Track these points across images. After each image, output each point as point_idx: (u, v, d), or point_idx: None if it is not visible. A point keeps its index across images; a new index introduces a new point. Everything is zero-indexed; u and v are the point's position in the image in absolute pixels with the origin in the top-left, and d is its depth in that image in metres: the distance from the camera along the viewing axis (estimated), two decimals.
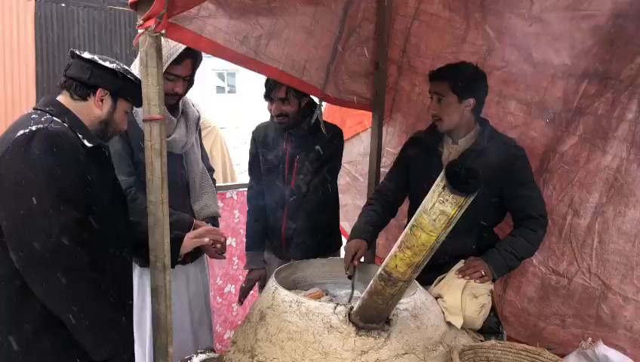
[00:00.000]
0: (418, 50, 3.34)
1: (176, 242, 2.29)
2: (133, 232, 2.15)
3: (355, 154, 3.99)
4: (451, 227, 1.55)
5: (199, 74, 2.77)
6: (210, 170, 3.04)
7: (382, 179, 3.36)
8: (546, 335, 2.89)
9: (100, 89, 1.96)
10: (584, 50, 2.68)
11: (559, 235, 2.84)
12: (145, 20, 1.78)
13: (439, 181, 1.48)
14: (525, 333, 2.97)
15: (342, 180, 3.93)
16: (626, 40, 2.54)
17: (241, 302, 3.11)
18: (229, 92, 27.94)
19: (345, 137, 3.99)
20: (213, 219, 2.89)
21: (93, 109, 1.98)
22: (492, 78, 3.00)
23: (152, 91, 1.87)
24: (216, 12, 1.98)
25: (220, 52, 2.15)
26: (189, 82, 2.64)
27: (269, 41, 2.31)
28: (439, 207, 1.49)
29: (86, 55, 1.96)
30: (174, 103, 2.66)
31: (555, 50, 2.76)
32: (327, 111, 4.10)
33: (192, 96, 2.88)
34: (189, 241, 2.36)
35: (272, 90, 2.86)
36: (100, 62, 1.96)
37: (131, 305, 2.08)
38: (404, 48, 3.38)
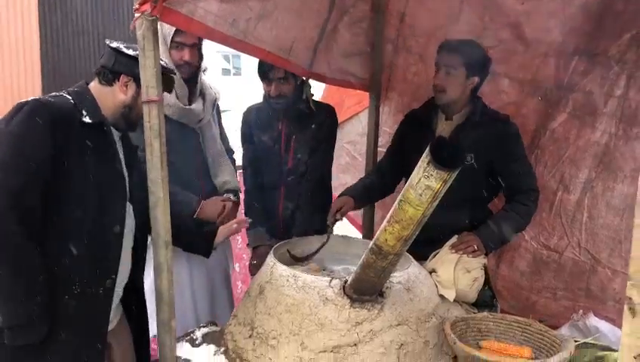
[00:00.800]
0: (412, 29, 3.37)
1: (210, 234, 2.52)
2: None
3: (354, 134, 4.04)
4: (437, 201, 1.61)
5: (204, 56, 2.85)
6: (230, 151, 3.15)
7: (379, 158, 3.43)
8: (539, 308, 2.97)
9: (122, 75, 2.06)
10: (574, 27, 2.72)
11: (550, 211, 2.90)
12: (141, 5, 1.84)
13: (424, 157, 1.54)
14: (518, 306, 3.04)
15: (342, 160, 4.00)
16: (614, 17, 2.58)
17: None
18: (234, 74, 27.81)
19: (344, 117, 4.06)
20: (234, 193, 3.00)
21: (117, 94, 2.07)
22: None
23: (149, 73, 1.92)
24: None
25: (210, 34, 2.19)
26: (197, 51, 2.73)
27: (258, 23, 2.35)
28: (424, 182, 1.55)
29: (113, 44, 2.06)
30: (186, 73, 2.73)
31: (547, 28, 2.80)
32: (326, 92, 4.15)
33: None
34: (222, 232, 2.55)
35: (269, 71, 2.88)
36: (124, 50, 2.04)
37: (113, 281, 2.08)
38: (399, 28, 3.41)
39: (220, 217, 2.75)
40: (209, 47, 3.01)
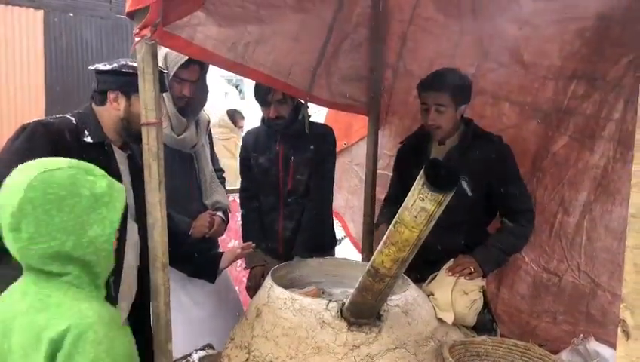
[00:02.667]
0: (414, 54, 3.41)
1: (215, 259, 2.59)
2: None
3: (363, 156, 4.05)
4: (433, 223, 1.61)
5: (208, 79, 2.91)
6: (220, 171, 3.19)
7: (378, 180, 3.45)
8: (538, 333, 2.94)
9: (109, 92, 2.10)
10: (572, 51, 2.75)
11: (550, 233, 2.90)
12: (141, 29, 1.86)
13: (419, 179, 1.55)
14: (518, 331, 3.01)
15: (351, 182, 4.02)
16: (612, 41, 2.60)
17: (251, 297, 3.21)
18: (239, 98, 27.95)
19: (352, 140, 4.09)
20: (224, 212, 3.04)
21: (112, 111, 2.12)
22: (486, 80, 3.09)
23: (148, 96, 1.95)
24: (206, 20, 2.07)
25: (209, 57, 2.24)
26: (198, 86, 2.77)
27: (256, 48, 2.39)
28: (419, 204, 1.56)
29: (92, 66, 2.10)
30: (183, 106, 2.78)
31: (545, 53, 2.83)
32: (332, 115, 4.18)
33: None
34: (227, 257, 2.61)
35: (267, 94, 2.91)
36: (101, 67, 2.09)
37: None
38: (400, 52, 3.45)
39: (210, 231, 2.82)
40: (212, 72, 3.06)
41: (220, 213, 2.97)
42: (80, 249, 1.30)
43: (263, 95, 2.94)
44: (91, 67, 2.14)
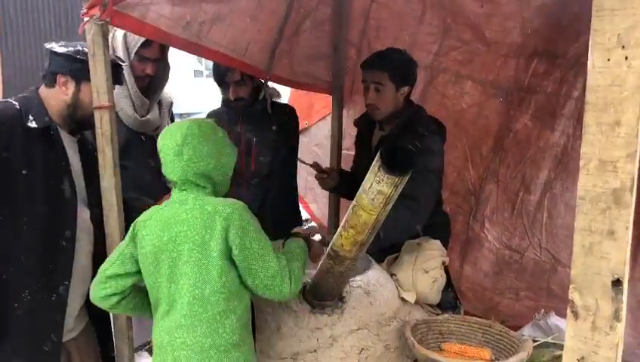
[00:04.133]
0: (377, 32, 3.37)
1: None
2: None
3: (322, 137, 4.02)
4: (390, 205, 1.61)
5: (176, 57, 2.83)
6: None
7: (343, 160, 3.44)
8: (502, 309, 2.98)
9: (59, 75, 2.02)
10: (532, 29, 2.74)
11: (512, 211, 2.93)
12: (89, 8, 1.80)
13: (375, 162, 1.53)
14: (482, 308, 3.05)
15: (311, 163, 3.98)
16: (571, 19, 2.60)
17: None
18: (207, 76, 27.51)
19: (312, 121, 4.05)
20: None
21: (60, 95, 2.04)
22: (449, 59, 3.08)
23: (100, 79, 1.90)
24: None
25: (163, 37, 2.18)
26: (160, 64, 2.71)
27: (212, 26, 2.34)
28: (376, 187, 1.55)
29: (49, 45, 2.03)
30: (146, 85, 2.72)
31: (506, 30, 2.83)
32: (294, 96, 4.14)
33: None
34: None
35: (225, 75, 2.85)
36: (56, 49, 2.01)
37: (66, 287, 2.04)
38: (364, 30, 3.41)
39: None
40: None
41: None
42: (215, 170, 1.80)
43: (220, 76, 2.88)
44: (47, 45, 2.06)
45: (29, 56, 6.49)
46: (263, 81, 2.98)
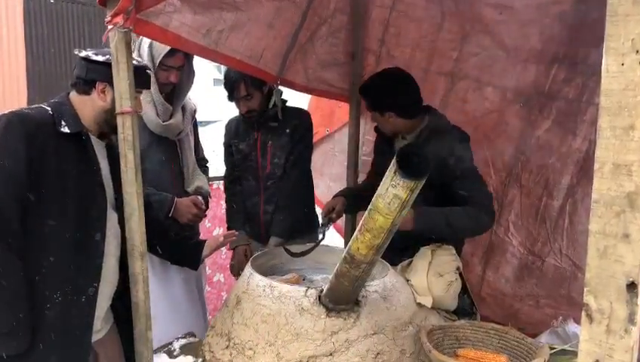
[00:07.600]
0: (397, 39, 3.39)
1: (198, 246, 2.55)
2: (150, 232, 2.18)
3: (344, 143, 4.04)
4: (406, 210, 1.61)
5: (196, 66, 2.91)
6: (203, 160, 3.22)
7: (361, 167, 3.45)
8: (522, 316, 2.96)
9: (98, 82, 2.06)
10: (552, 35, 2.74)
11: (536, 216, 2.92)
12: (113, 17, 1.84)
13: (391, 166, 1.54)
14: (501, 314, 3.03)
15: (333, 169, 4.02)
16: (590, 26, 2.59)
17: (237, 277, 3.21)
18: None
19: (334, 127, 4.09)
20: (205, 199, 3.04)
21: (97, 102, 2.08)
22: (469, 65, 3.08)
23: (123, 85, 1.93)
24: (181, 7, 2.05)
25: (184, 45, 2.23)
26: (184, 71, 2.79)
27: (230, 34, 2.39)
28: (392, 191, 1.56)
29: (82, 53, 2.07)
30: (170, 92, 2.81)
31: (525, 36, 2.82)
32: (314, 103, 4.17)
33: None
34: (210, 245, 2.57)
35: (232, 92, 3.02)
36: (93, 57, 2.05)
37: (96, 289, 2.07)
38: (383, 38, 3.43)
39: (194, 211, 2.84)
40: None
41: (200, 198, 2.97)
42: None
43: (229, 94, 3.05)
44: (77, 52, 2.10)
45: (53, 65, 6.59)
46: (273, 88, 3.07)
